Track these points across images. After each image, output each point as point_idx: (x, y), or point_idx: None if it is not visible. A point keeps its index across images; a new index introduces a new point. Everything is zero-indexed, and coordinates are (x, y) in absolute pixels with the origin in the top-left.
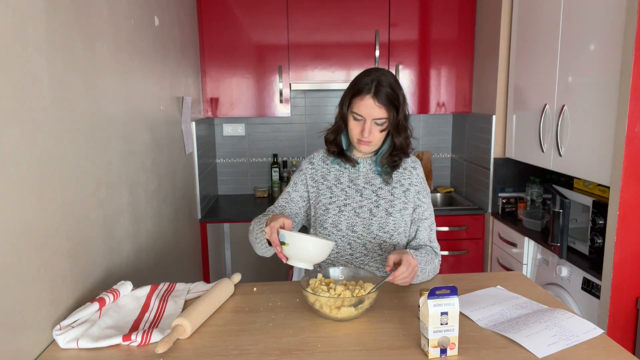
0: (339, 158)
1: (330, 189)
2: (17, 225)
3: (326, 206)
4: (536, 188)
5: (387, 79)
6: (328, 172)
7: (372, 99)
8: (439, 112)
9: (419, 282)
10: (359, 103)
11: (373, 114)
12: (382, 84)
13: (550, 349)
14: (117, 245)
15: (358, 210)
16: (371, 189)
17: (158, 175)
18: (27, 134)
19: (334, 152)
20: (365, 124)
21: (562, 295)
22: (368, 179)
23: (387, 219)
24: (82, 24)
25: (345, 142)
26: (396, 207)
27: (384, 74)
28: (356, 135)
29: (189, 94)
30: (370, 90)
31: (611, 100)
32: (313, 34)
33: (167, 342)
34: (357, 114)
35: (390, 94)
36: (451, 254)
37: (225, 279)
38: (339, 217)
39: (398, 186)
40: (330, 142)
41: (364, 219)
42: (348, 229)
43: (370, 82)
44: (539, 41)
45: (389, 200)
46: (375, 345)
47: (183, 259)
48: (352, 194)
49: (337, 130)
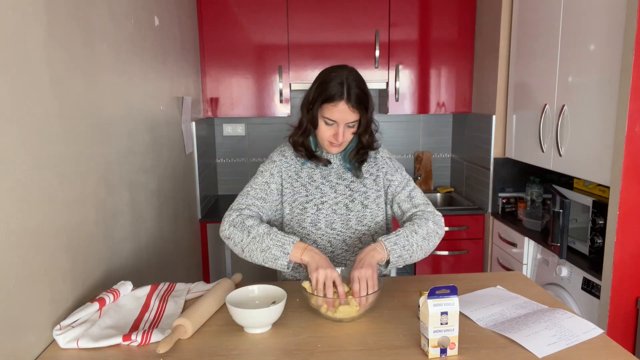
0: (309, 160)
1: (305, 186)
2: (17, 225)
3: (303, 205)
4: (536, 188)
5: (355, 79)
6: (301, 169)
7: (346, 104)
8: (439, 112)
9: (420, 257)
10: (332, 109)
11: (347, 119)
12: (352, 86)
13: (550, 349)
14: (117, 245)
15: (334, 207)
16: (344, 184)
17: (158, 175)
18: (27, 134)
19: (302, 154)
20: (338, 129)
21: (562, 295)
22: (339, 174)
23: (364, 211)
24: (82, 24)
25: (313, 143)
26: (370, 198)
27: (350, 72)
28: (327, 138)
29: (189, 94)
30: (342, 95)
31: (611, 100)
32: (313, 34)
33: (169, 342)
34: (330, 119)
35: (360, 95)
36: (451, 254)
37: (226, 278)
38: (317, 215)
39: (368, 176)
40: (298, 145)
41: (341, 215)
42: (327, 226)
43: (341, 86)
44: (539, 41)
45: (363, 192)
46: (375, 345)
47: (183, 259)
48: (327, 191)
49: (305, 133)
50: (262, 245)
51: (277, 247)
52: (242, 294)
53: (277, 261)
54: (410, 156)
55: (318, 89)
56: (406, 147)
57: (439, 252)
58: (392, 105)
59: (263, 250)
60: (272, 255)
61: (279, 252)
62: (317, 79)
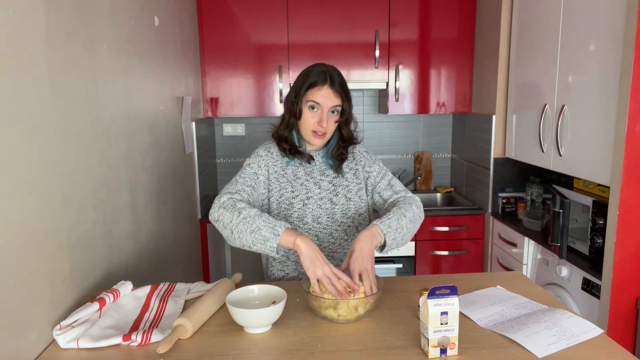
0: (293, 155)
1: (291, 183)
2: (17, 225)
3: (290, 200)
4: (536, 188)
5: (335, 70)
6: (286, 166)
7: (329, 88)
8: (439, 112)
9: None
10: (316, 93)
11: (330, 103)
12: (334, 75)
13: (550, 349)
14: (117, 245)
15: (319, 202)
16: (327, 180)
17: (158, 175)
18: (27, 134)
19: (285, 149)
20: (322, 114)
21: (562, 295)
22: (322, 170)
23: (348, 204)
24: (82, 24)
25: (296, 138)
26: (353, 191)
27: (329, 66)
28: (311, 126)
29: (189, 94)
30: (325, 80)
31: (611, 100)
32: (313, 34)
33: (169, 342)
34: (315, 101)
35: (342, 83)
36: (451, 254)
37: (226, 278)
38: (303, 210)
39: (348, 170)
40: (282, 139)
41: (326, 209)
42: (314, 221)
43: (324, 74)
44: (539, 41)
45: (345, 186)
46: (375, 345)
47: (183, 259)
48: (312, 187)
49: (289, 127)
50: (253, 226)
51: (267, 228)
52: (242, 294)
53: (266, 243)
54: (410, 156)
55: (301, 79)
56: (406, 147)
57: (439, 252)
58: (392, 105)
59: (253, 231)
60: (262, 237)
61: (269, 234)
62: (300, 74)
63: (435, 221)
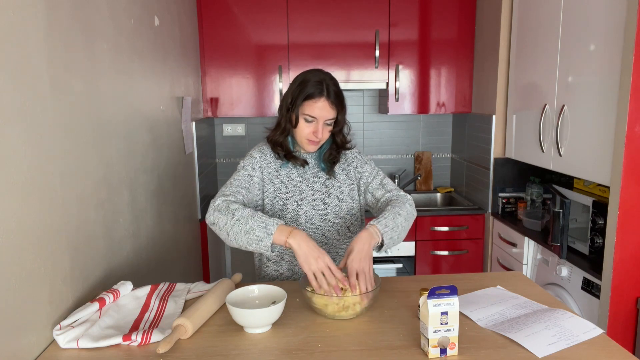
0: (287, 160)
1: (285, 184)
2: (17, 225)
3: (284, 201)
4: (536, 188)
5: (331, 79)
6: (280, 168)
7: (326, 100)
8: (439, 112)
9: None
10: (312, 105)
11: (326, 115)
12: (330, 85)
13: (550, 349)
14: (117, 245)
15: (312, 203)
16: (320, 182)
17: (158, 175)
18: (27, 134)
19: (280, 154)
20: (318, 125)
21: (562, 295)
22: (315, 172)
23: (340, 205)
24: (82, 24)
25: (291, 143)
26: (345, 192)
27: (326, 74)
28: (306, 135)
29: (189, 94)
30: (322, 92)
31: (611, 100)
32: (313, 34)
33: (169, 342)
34: (310, 115)
35: (338, 92)
36: (451, 254)
37: (226, 278)
38: (297, 211)
39: (340, 171)
40: (277, 145)
41: (319, 210)
42: (307, 222)
43: (320, 84)
44: (539, 41)
45: (337, 188)
46: (375, 345)
47: (183, 259)
48: (305, 189)
49: (284, 132)
50: (246, 227)
51: (260, 228)
52: (242, 294)
53: (260, 242)
54: (410, 156)
55: (298, 88)
56: (406, 147)
57: (439, 252)
58: (392, 105)
59: (247, 232)
60: (256, 237)
61: (263, 234)
62: (296, 80)
63: (435, 221)
